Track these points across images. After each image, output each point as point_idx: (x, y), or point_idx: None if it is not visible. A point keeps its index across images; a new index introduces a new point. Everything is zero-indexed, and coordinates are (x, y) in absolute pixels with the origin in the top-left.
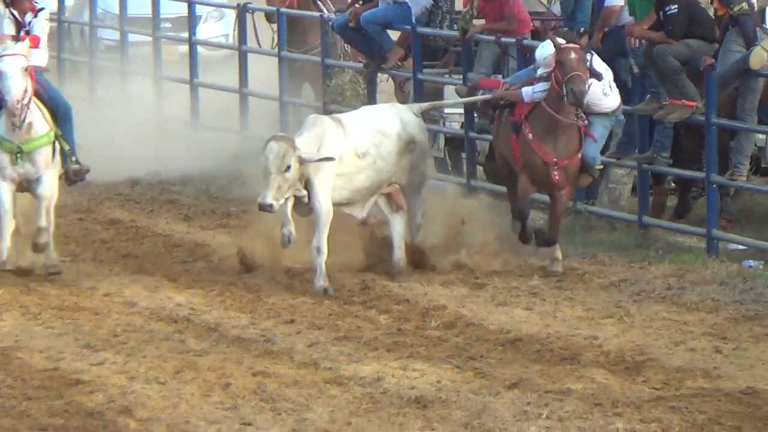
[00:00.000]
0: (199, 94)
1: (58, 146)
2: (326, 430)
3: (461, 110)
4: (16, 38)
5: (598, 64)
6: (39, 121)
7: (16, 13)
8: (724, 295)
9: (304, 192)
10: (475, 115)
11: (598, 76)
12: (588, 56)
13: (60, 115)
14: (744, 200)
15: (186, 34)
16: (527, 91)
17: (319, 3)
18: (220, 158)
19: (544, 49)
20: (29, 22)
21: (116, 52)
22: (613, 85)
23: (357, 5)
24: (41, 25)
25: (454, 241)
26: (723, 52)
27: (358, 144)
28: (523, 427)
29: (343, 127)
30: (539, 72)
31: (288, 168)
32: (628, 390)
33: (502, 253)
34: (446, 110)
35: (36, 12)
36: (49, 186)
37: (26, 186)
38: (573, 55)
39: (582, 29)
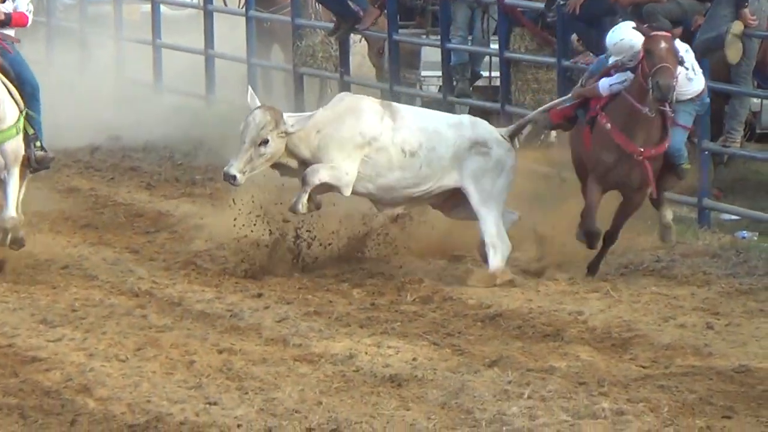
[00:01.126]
0: (162, 56)
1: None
2: (296, 410)
3: (439, 72)
4: None
5: (679, 45)
6: (7, 100)
7: None
8: (716, 268)
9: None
10: (454, 78)
11: (681, 61)
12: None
13: (26, 94)
14: (737, 168)
15: None
16: (604, 84)
17: None
18: (185, 123)
19: (615, 34)
20: None
21: (75, 11)
22: (696, 66)
23: None
24: (26, 1)
25: None
26: (709, 16)
27: (408, 138)
28: (503, 407)
29: (394, 114)
30: (611, 60)
31: (265, 142)
32: (614, 368)
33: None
34: (423, 72)
35: None
36: (17, 178)
37: None
38: (663, 44)
39: None
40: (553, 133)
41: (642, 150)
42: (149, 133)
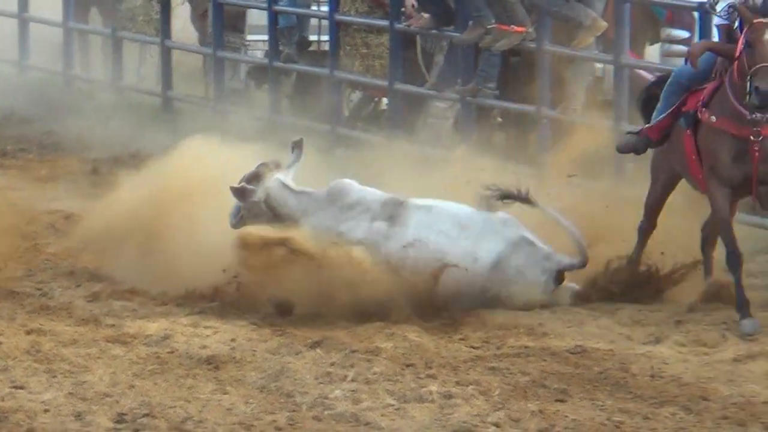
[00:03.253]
0: None
1: None
2: (106, 394)
3: (265, 37)
4: None
5: None
6: None
7: None
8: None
9: None
10: (281, 43)
11: None
12: None
13: None
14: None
15: None
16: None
17: None
18: None
19: None
20: None
21: None
22: None
23: None
24: None
25: None
26: None
27: (409, 232)
28: (325, 390)
29: (396, 216)
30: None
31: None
32: (443, 349)
33: None
34: (248, 36)
35: None
36: None
37: None
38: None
39: None
40: (384, 100)
41: (758, 129)
42: None
